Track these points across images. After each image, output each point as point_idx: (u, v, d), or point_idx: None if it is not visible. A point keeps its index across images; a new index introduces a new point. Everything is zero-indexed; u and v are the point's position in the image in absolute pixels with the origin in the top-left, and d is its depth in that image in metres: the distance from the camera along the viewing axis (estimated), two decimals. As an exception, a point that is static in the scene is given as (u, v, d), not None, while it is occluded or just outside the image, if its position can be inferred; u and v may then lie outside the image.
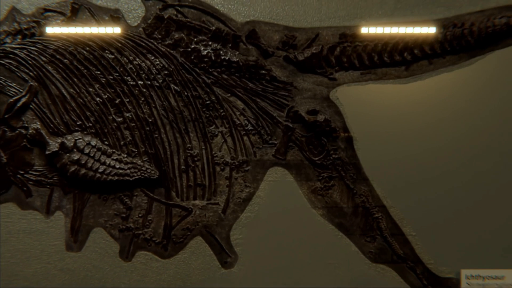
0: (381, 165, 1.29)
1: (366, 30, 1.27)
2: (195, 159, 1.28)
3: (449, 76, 1.29)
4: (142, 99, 1.30)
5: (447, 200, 1.29)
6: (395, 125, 1.30)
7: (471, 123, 1.26)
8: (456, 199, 1.30)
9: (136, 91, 1.30)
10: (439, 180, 1.32)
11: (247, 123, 1.29)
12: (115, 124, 1.30)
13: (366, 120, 1.29)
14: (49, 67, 1.25)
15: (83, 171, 1.23)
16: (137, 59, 1.29)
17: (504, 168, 1.29)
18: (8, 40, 1.27)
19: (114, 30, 1.26)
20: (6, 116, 1.26)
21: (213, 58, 1.31)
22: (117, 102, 1.27)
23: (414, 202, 1.32)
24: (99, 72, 1.26)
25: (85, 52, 1.26)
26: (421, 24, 1.32)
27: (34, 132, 1.25)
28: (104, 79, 1.27)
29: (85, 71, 1.26)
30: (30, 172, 1.26)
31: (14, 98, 1.24)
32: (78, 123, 1.26)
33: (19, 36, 1.26)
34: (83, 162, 1.24)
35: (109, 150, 1.27)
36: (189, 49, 1.31)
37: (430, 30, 1.27)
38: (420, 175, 1.32)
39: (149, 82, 1.31)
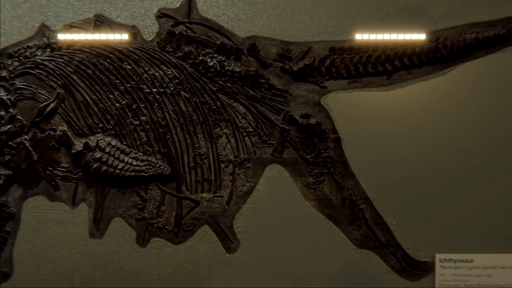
0: (366, 162, 1.34)
1: (353, 44, 1.32)
2: (203, 157, 1.33)
3: (426, 84, 1.34)
4: (156, 104, 1.31)
5: (424, 194, 1.34)
6: (378, 127, 1.34)
7: (444, 125, 1.33)
8: (432, 193, 1.35)
9: (151, 97, 1.32)
10: (417, 176, 1.35)
11: (248, 125, 1.33)
12: (132, 126, 1.32)
13: (353, 123, 1.34)
14: (74, 77, 1.31)
15: (104, 167, 1.29)
16: (152, 70, 1.32)
17: (474, 166, 1.33)
18: (38, 53, 1.32)
19: (132, 44, 1.31)
20: (37, 119, 1.31)
21: (218, 68, 1.33)
22: (134, 107, 1.31)
23: (395, 195, 1.34)
24: (118, 81, 1.31)
25: (106, 63, 1.31)
26: (402, 39, 1.32)
27: (61, 133, 1.30)
28: (122, 87, 1.31)
29: (106, 80, 1.31)
30: (57, 168, 1.32)
31: (43, 104, 1.30)
32: (100, 125, 1.31)
33: (48, 49, 1.31)
34: (104, 160, 1.29)
35: (127, 149, 1.32)
36: (197, 61, 1.33)
37: (408, 44, 1.31)
38: (401, 172, 1.35)
39: (162, 90, 1.32)
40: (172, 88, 1.31)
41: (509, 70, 1.32)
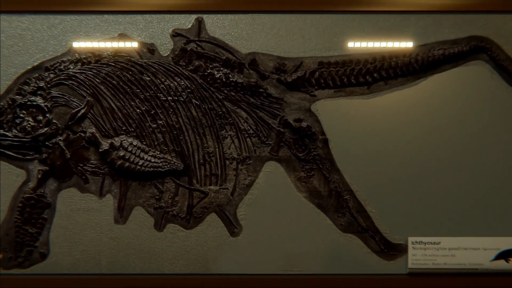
0: (350, 159, 1.39)
1: (338, 59, 1.39)
2: (211, 155, 1.39)
3: (400, 93, 1.39)
4: (171, 110, 1.37)
5: (399, 186, 1.39)
6: (360, 130, 1.39)
7: (415, 127, 1.38)
8: (406, 186, 1.39)
9: (166, 104, 1.37)
10: (394, 171, 1.39)
11: (249, 128, 1.39)
12: (150, 129, 1.38)
13: (338, 126, 1.39)
14: (102, 87, 1.37)
15: (127, 164, 1.36)
16: (167, 81, 1.38)
17: (440, 163, 1.38)
18: (71, 67, 1.37)
19: (150, 59, 1.39)
20: (70, 123, 1.37)
21: (224, 80, 1.38)
22: (152, 112, 1.37)
23: (374, 187, 1.39)
24: (138, 90, 1.38)
25: (128, 75, 1.37)
26: (379, 54, 1.39)
27: (91, 135, 1.37)
28: (142, 95, 1.38)
29: (128, 89, 1.37)
30: (87, 165, 1.38)
31: (75, 110, 1.37)
32: (123, 128, 1.38)
33: (79, 64, 1.37)
34: (127, 157, 1.36)
35: (146, 149, 1.38)
36: (206, 73, 1.38)
37: (385, 59, 1.38)
38: (379, 167, 1.39)
39: (176, 98, 1.38)
40: (184, 97, 1.38)
41: (471, 81, 1.40)
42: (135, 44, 1.39)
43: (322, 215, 1.40)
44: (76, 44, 1.39)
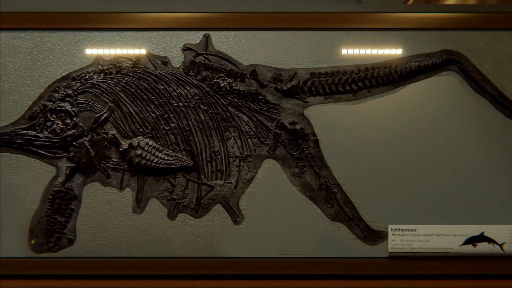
0: (337, 157, 1.47)
1: (327, 70, 1.47)
2: (216, 153, 1.45)
3: (381, 100, 1.47)
4: (182, 114, 1.44)
5: (381, 181, 1.46)
6: (346, 132, 1.47)
7: (395, 130, 1.47)
8: (387, 180, 1.46)
9: (178, 109, 1.45)
10: (377, 167, 1.46)
11: (250, 130, 1.46)
12: (164, 131, 1.45)
13: (327, 129, 1.47)
14: (122, 94, 1.45)
15: (143, 161, 1.43)
16: (179, 89, 1.44)
17: (417, 161, 1.46)
18: (95, 77, 1.45)
19: (164, 70, 1.46)
20: (94, 126, 1.45)
21: (228, 88, 1.44)
22: (165, 116, 1.45)
23: (359, 181, 1.46)
24: (153, 97, 1.45)
25: (144, 84, 1.45)
26: (363, 66, 1.47)
27: (112, 136, 1.45)
28: (157, 101, 1.45)
29: (145, 96, 1.45)
30: (109, 162, 1.45)
31: (98, 114, 1.45)
32: (140, 130, 1.45)
33: (102, 74, 1.45)
34: (143, 155, 1.43)
35: (160, 148, 1.44)
36: (212, 82, 1.45)
37: (368, 70, 1.45)
38: (363, 164, 1.46)
39: (186, 104, 1.45)
40: (193, 103, 1.45)
41: (443, 89, 1.47)
42: (151, 57, 1.47)
43: (313, 205, 1.46)
44: (99, 57, 1.47)
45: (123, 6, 1.47)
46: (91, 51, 1.47)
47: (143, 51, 1.47)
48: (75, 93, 1.46)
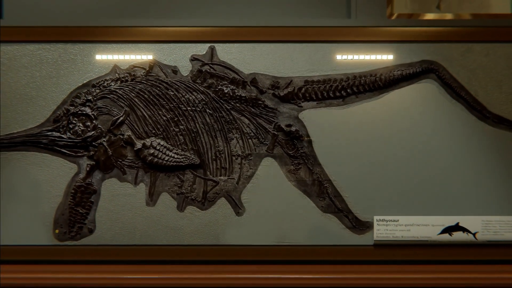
0: (329, 156, 1.54)
1: (320, 78, 1.54)
2: (221, 152, 1.53)
3: (368, 104, 1.54)
4: (190, 118, 1.51)
5: (368, 177, 1.54)
6: (337, 133, 1.54)
7: (381, 131, 1.54)
8: (374, 176, 1.54)
9: (186, 113, 1.52)
10: (363, 164, 1.53)
11: (251, 132, 1.52)
12: (174, 132, 1.52)
13: (320, 130, 1.54)
14: (136, 100, 1.52)
15: (155, 160, 1.50)
16: (187, 95, 1.51)
17: (401, 159, 1.54)
18: (112, 84, 1.52)
19: (174, 78, 1.53)
20: (111, 128, 1.52)
21: (231, 94, 1.51)
22: (175, 119, 1.51)
23: (348, 177, 1.54)
24: (164, 102, 1.52)
25: (156, 90, 1.52)
26: (351, 74, 1.53)
27: (127, 137, 1.52)
28: (168, 106, 1.52)
29: (157, 101, 1.51)
30: (125, 160, 1.53)
31: (115, 117, 1.53)
32: (153, 131, 1.52)
33: (119, 82, 1.52)
34: (155, 154, 1.50)
35: (171, 147, 1.52)
36: (217, 89, 1.52)
37: (356, 78, 1.52)
38: (352, 161, 1.54)
39: (194, 108, 1.52)
40: (200, 107, 1.52)
41: (423, 95, 1.55)
42: (162, 66, 1.55)
43: (307, 199, 1.54)
44: (116, 67, 1.54)
45: (137, 21, 1.55)
46: (109, 61, 1.54)
47: (155, 61, 1.55)
48: (95, 98, 1.54)
